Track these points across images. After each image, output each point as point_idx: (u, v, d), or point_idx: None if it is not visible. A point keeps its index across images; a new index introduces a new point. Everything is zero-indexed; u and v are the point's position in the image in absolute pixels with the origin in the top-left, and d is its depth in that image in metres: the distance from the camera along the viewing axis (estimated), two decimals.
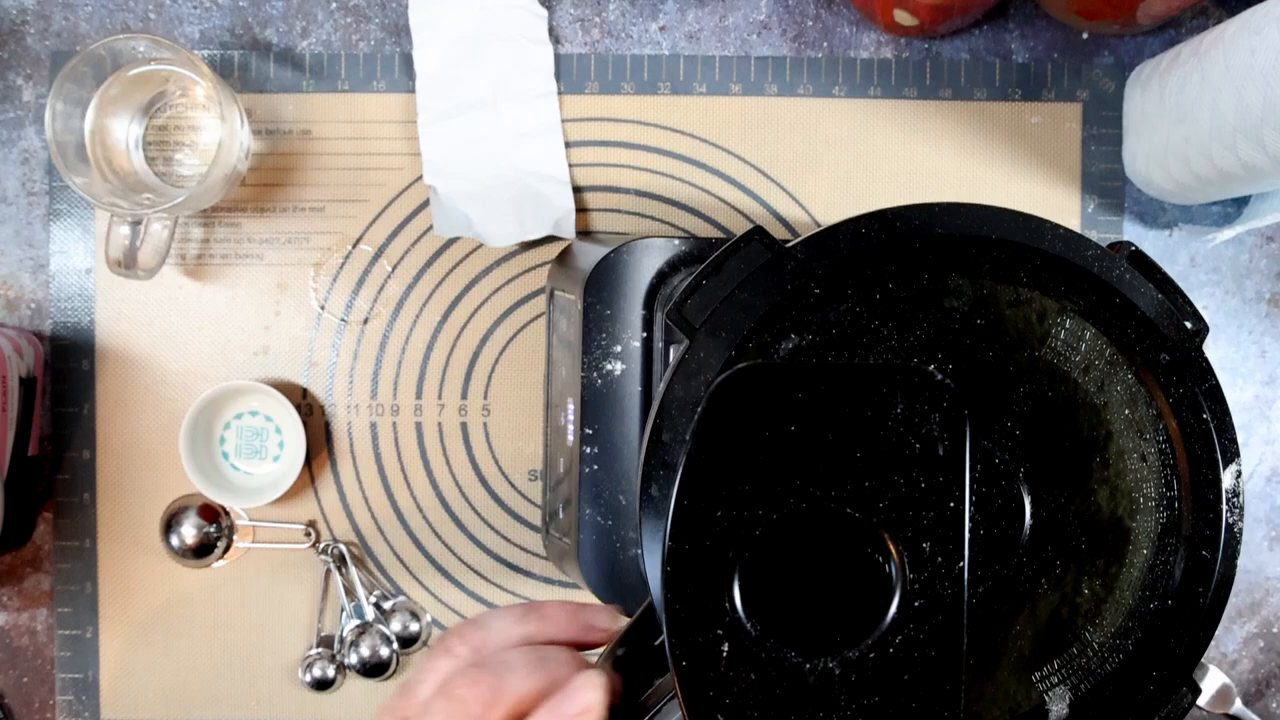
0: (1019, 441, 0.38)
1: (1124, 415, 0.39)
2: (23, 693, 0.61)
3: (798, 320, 0.38)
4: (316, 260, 0.62)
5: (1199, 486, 0.39)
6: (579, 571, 0.52)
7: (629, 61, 0.62)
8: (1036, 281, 0.39)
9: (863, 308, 0.38)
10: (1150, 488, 0.39)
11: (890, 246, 0.38)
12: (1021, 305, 0.39)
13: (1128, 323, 0.39)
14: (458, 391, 0.62)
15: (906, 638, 0.28)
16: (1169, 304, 0.39)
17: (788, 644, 0.28)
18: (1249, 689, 0.64)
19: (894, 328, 0.38)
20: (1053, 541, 0.39)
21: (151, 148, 0.60)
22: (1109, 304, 0.39)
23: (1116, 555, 0.39)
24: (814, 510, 0.29)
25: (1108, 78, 0.62)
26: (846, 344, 0.38)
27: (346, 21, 0.61)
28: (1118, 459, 0.39)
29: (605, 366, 0.51)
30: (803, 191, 0.62)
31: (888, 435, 0.29)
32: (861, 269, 0.38)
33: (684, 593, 0.28)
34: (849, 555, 0.29)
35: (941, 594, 0.28)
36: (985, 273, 0.39)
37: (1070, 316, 0.39)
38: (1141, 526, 0.39)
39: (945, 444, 0.29)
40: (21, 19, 0.61)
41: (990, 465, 0.38)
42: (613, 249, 0.51)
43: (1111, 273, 0.39)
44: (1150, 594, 0.39)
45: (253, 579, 0.62)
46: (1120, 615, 0.39)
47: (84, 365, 0.61)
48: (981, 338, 0.38)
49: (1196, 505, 0.39)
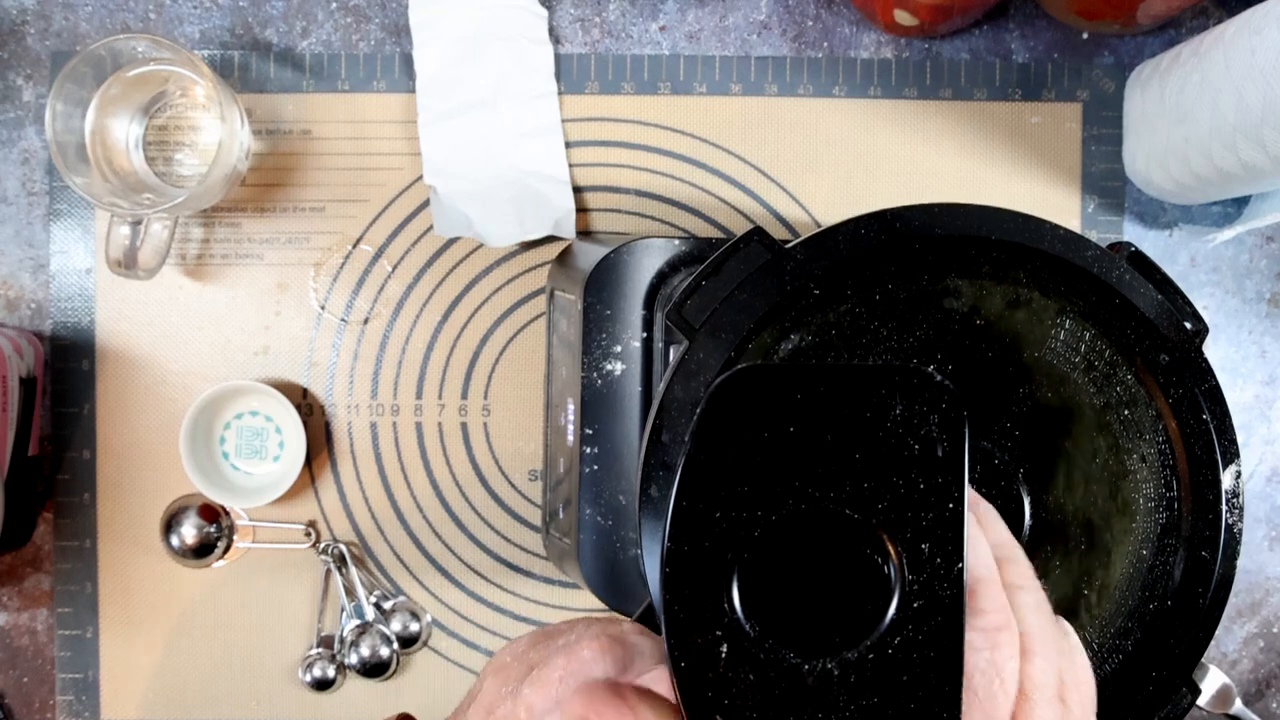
0: (1018, 442, 0.38)
1: (1123, 416, 0.39)
2: (23, 693, 0.61)
3: (797, 320, 0.38)
4: (317, 260, 0.62)
5: (1198, 487, 0.39)
6: (579, 571, 0.52)
7: (629, 61, 0.62)
8: (1036, 282, 0.39)
9: (862, 308, 0.38)
10: (1150, 488, 0.39)
11: (889, 247, 0.38)
12: (1021, 306, 0.39)
13: (1127, 323, 0.39)
14: (458, 391, 0.62)
15: (905, 639, 0.28)
16: (1169, 304, 0.39)
17: (787, 645, 0.28)
18: (1249, 689, 0.64)
19: (894, 328, 0.38)
20: (1052, 541, 0.39)
21: (151, 148, 0.60)
22: (1109, 305, 0.39)
23: (1115, 555, 0.39)
24: (813, 511, 0.29)
25: (1108, 78, 0.62)
26: (846, 344, 0.38)
27: (347, 21, 0.61)
28: (1117, 460, 0.39)
29: (605, 366, 0.51)
30: (803, 191, 0.62)
31: (887, 436, 0.29)
32: (861, 270, 0.38)
33: (683, 594, 0.28)
34: (848, 556, 0.29)
35: (941, 595, 0.28)
36: (985, 273, 0.38)
37: (1070, 317, 0.39)
38: (1141, 527, 0.39)
39: (944, 445, 0.29)
40: (21, 19, 0.61)
41: (990, 465, 0.38)
42: (613, 249, 0.51)
43: (1111, 273, 0.39)
44: (1150, 594, 0.39)
45: (253, 579, 0.62)
46: (1120, 616, 0.39)
47: (84, 365, 0.61)
48: (981, 338, 0.38)
49: (1196, 506, 0.39)
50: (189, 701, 0.62)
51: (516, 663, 0.35)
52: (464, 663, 0.63)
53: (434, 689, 0.62)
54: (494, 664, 0.36)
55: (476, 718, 0.34)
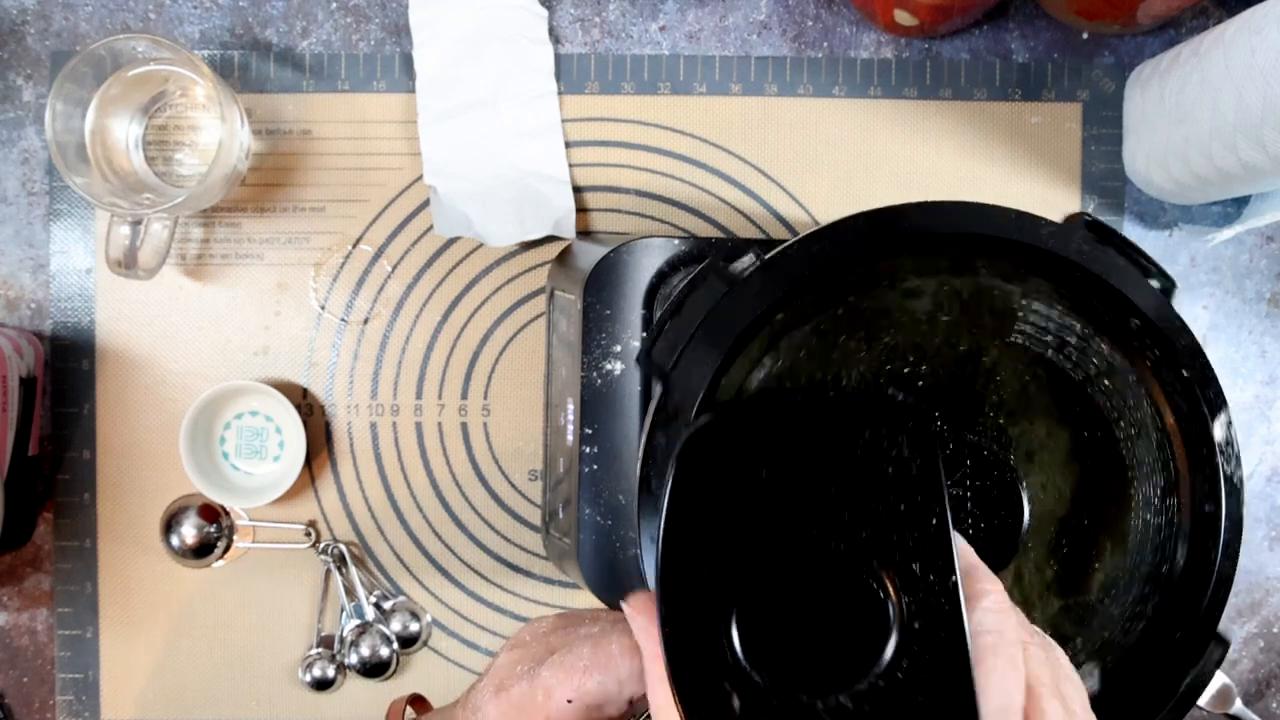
0: (1004, 430, 0.38)
1: (1105, 386, 0.39)
2: (23, 693, 0.61)
3: (766, 347, 0.38)
4: (317, 260, 0.62)
5: (1191, 442, 0.38)
6: (579, 571, 0.52)
7: (629, 61, 0.62)
8: (996, 269, 0.38)
9: (827, 325, 0.38)
10: (1143, 451, 0.39)
11: (843, 260, 0.38)
12: (984, 295, 0.38)
13: (1093, 294, 0.38)
14: (458, 391, 0.62)
15: (913, 660, 0.28)
16: (1132, 267, 0.39)
17: (796, 686, 0.28)
18: (1249, 689, 0.64)
19: (862, 339, 0.38)
20: (1055, 520, 0.38)
21: (151, 148, 0.60)
22: (1070, 279, 0.38)
23: (1120, 523, 0.39)
24: (798, 549, 0.29)
25: (1108, 78, 0.62)
26: (818, 364, 0.37)
27: (346, 21, 0.61)
28: (1107, 431, 0.39)
29: (605, 366, 0.51)
30: (803, 191, 0.62)
31: (859, 464, 0.29)
32: (820, 286, 0.38)
33: (687, 653, 0.28)
34: (841, 588, 0.29)
35: (939, 610, 0.28)
36: (943, 269, 0.38)
37: (1035, 299, 0.39)
38: (1140, 491, 0.39)
39: (917, 463, 0.29)
40: (21, 19, 0.61)
41: (980, 458, 0.38)
42: (613, 249, 0.51)
43: (1069, 247, 0.38)
44: (1160, 556, 0.39)
45: (253, 579, 0.62)
46: (1134, 583, 0.39)
47: (84, 365, 0.61)
48: (950, 334, 0.38)
49: (1191, 461, 0.38)
50: (189, 701, 0.62)
51: (536, 643, 0.35)
52: (464, 663, 0.63)
53: (434, 689, 0.62)
54: (514, 640, 0.36)
55: (488, 692, 0.34)
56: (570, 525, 0.53)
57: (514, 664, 0.34)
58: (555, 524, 0.56)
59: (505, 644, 0.36)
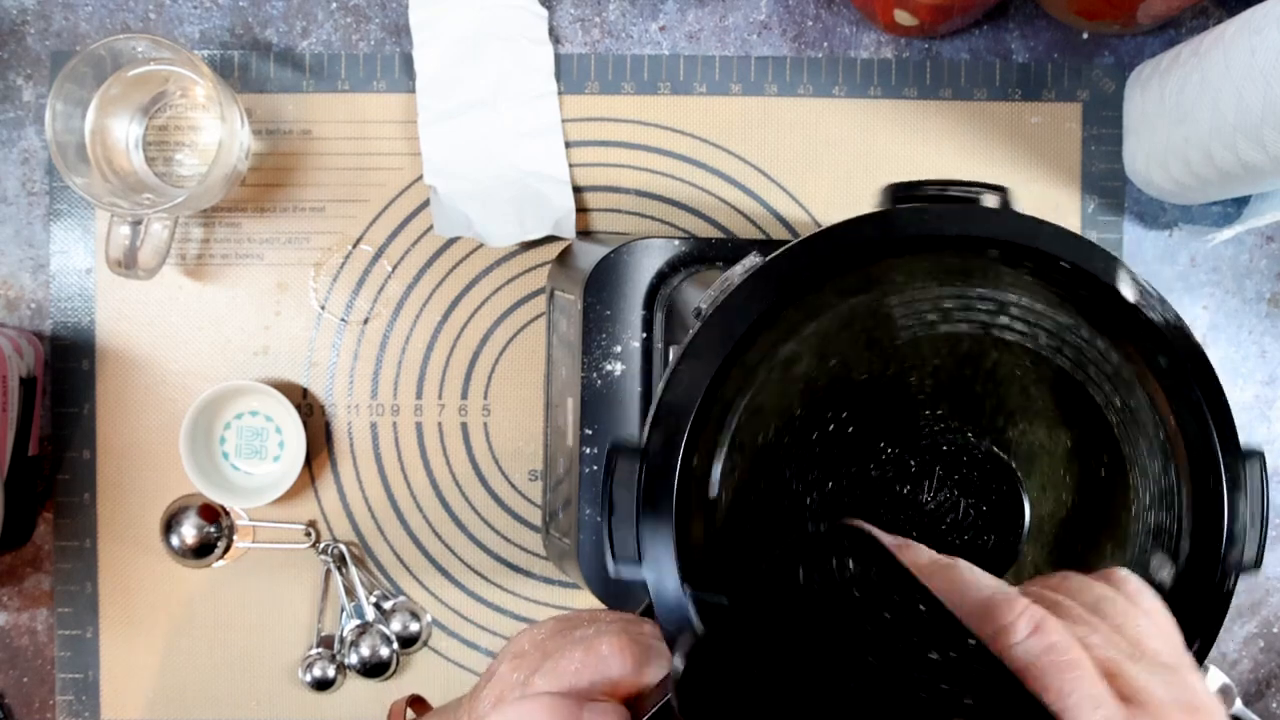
0: (1004, 432, 0.38)
1: (1104, 386, 0.39)
2: (23, 693, 0.62)
3: (741, 382, 0.37)
4: (317, 260, 0.62)
5: (1191, 441, 0.38)
6: (579, 571, 0.52)
7: (629, 61, 0.62)
8: (993, 269, 0.38)
9: (801, 348, 0.38)
10: (1143, 451, 0.39)
11: (779, 300, 0.37)
12: (962, 297, 0.38)
13: (1082, 284, 0.38)
14: (458, 391, 0.62)
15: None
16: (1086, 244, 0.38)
17: None
18: (1249, 689, 0.64)
19: (839, 363, 0.38)
20: (1056, 521, 0.38)
21: (151, 148, 0.60)
22: (1065, 277, 0.38)
23: (1121, 524, 0.39)
24: (827, 714, 0.28)
25: (1108, 78, 0.62)
26: (799, 393, 0.37)
27: (346, 21, 0.61)
28: (1105, 429, 0.39)
29: (605, 366, 0.51)
30: (803, 191, 0.62)
31: (859, 604, 0.28)
32: (764, 326, 0.37)
33: None
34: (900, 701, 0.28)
35: (984, 674, 0.27)
36: (936, 271, 0.38)
37: (1034, 298, 0.38)
38: (1141, 491, 0.39)
39: (873, 570, 0.28)
40: (21, 19, 0.61)
41: (980, 462, 0.38)
42: (613, 249, 0.51)
43: (1036, 238, 0.38)
44: (1166, 508, 0.38)
45: (253, 579, 0.62)
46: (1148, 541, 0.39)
47: (84, 365, 0.61)
48: (938, 344, 0.38)
49: (1193, 461, 0.38)
50: (189, 701, 0.62)
51: (534, 650, 0.35)
52: (464, 663, 0.63)
53: (434, 689, 0.62)
54: (512, 649, 0.36)
55: (487, 703, 0.34)
56: (570, 525, 0.53)
57: (513, 673, 0.34)
58: (555, 524, 0.56)
59: (505, 651, 0.36)
